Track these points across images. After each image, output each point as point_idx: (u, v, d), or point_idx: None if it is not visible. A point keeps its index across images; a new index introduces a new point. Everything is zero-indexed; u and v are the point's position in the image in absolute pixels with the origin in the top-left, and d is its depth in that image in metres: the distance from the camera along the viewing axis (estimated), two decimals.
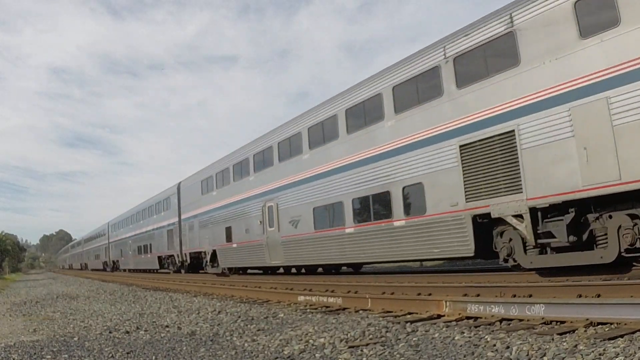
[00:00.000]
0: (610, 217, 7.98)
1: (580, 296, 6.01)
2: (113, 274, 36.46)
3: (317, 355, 4.71)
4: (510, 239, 9.23)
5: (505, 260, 9.47)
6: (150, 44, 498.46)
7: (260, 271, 20.92)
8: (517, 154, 8.90)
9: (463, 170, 9.93)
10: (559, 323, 5.09)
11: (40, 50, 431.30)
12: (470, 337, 4.86)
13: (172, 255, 27.57)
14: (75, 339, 6.71)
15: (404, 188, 11.54)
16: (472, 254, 9.98)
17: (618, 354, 3.74)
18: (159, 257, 29.89)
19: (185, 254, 25.31)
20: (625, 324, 4.58)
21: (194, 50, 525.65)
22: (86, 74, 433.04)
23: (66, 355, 5.49)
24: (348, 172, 13.26)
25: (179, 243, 26.07)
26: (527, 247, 8.99)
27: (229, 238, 19.93)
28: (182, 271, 26.51)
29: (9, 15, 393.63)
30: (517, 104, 9.09)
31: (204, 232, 22.71)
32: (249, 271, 21.39)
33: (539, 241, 8.67)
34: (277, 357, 4.75)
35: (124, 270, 39.51)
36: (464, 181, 9.87)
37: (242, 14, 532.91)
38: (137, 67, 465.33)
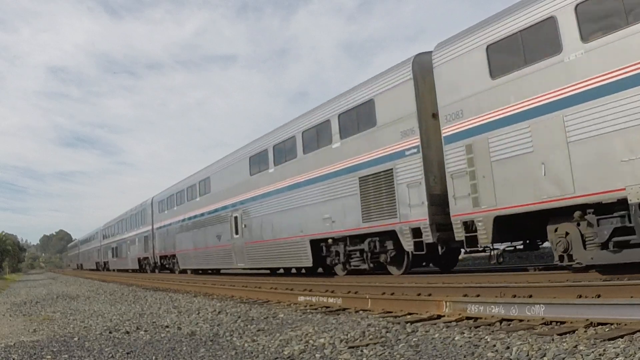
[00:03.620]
0: None
1: (580, 296, 6.00)
2: (113, 274, 36.55)
3: (317, 355, 4.71)
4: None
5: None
6: (149, 43, 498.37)
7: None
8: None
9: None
10: (559, 323, 5.08)
11: (38, 50, 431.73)
12: (470, 337, 4.86)
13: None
14: (75, 339, 6.71)
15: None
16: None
17: (618, 354, 3.73)
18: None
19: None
20: (625, 324, 4.58)
21: (193, 50, 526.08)
22: (84, 74, 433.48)
23: (66, 356, 5.49)
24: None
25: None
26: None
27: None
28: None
29: (7, 14, 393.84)
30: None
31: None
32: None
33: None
34: (277, 358, 4.75)
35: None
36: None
37: (240, 12, 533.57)
38: (136, 67, 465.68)
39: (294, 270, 19.93)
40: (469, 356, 4.19)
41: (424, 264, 13.56)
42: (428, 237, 10.77)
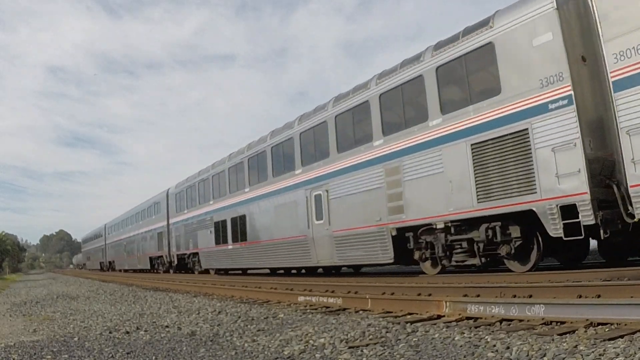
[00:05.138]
0: None
1: (580, 296, 6.00)
2: (112, 274, 36.49)
3: (317, 355, 4.71)
4: None
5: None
6: (148, 42, 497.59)
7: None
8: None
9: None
10: (559, 323, 5.08)
11: (37, 49, 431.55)
12: (470, 337, 4.86)
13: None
14: (75, 339, 6.71)
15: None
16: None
17: (618, 354, 3.73)
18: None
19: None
20: (625, 324, 4.58)
21: (192, 49, 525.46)
22: (83, 73, 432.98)
23: (66, 356, 5.49)
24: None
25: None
26: None
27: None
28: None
29: (5, 13, 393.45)
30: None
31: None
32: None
33: None
34: (277, 358, 4.75)
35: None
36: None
37: (239, 12, 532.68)
38: (135, 66, 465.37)
39: (294, 271, 19.87)
40: (469, 356, 4.19)
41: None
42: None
